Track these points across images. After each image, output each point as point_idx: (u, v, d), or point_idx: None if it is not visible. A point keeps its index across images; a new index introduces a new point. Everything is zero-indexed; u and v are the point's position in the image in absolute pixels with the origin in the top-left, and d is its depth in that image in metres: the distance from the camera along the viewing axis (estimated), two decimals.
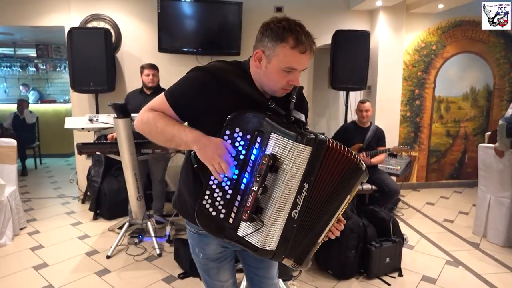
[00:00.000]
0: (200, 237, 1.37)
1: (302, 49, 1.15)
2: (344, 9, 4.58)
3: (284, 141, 1.11)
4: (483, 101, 5.09)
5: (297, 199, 1.12)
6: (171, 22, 4.10)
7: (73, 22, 4.16)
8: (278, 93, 1.24)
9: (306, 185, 1.12)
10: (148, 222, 3.24)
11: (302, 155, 1.10)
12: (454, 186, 5.18)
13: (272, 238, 1.14)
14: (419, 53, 4.80)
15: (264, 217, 1.13)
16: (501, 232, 3.34)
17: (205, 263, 1.41)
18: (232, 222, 1.17)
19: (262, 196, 1.12)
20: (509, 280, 2.77)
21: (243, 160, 1.16)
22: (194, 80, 1.23)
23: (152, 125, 1.22)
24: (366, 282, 2.70)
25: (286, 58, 1.15)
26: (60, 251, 3.13)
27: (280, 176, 1.11)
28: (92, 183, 3.95)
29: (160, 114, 1.22)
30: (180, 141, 1.19)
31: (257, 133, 1.14)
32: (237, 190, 1.17)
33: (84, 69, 3.81)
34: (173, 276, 2.74)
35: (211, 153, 1.13)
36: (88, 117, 2.89)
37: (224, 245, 1.39)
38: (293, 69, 1.17)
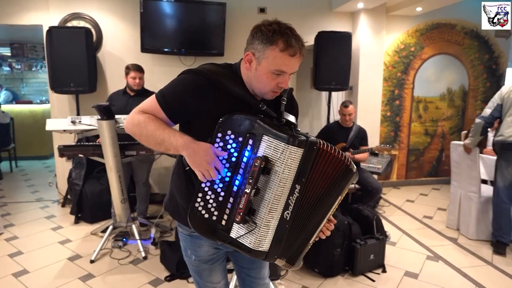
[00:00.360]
0: (193, 239, 1.36)
1: (292, 52, 1.16)
2: (326, 10, 4.65)
3: (276, 143, 1.12)
4: (459, 101, 5.28)
5: (289, 200, 1.14)
6: (154, 22, 4.05)
7: (52, 21, 4.05)
8: (268, 95, 1.25)
9: (298, 186, 1.14)
10: (133, 224, 3.20)
11: (294, 157, 1.12)
12: (432, 184, 5.35)
13: (265, 239, 1.15)
14: (399, 54, 4.93)
15: (257, 219, 1.14)
16: (470, 225, 3.49)
17: (197, 265, 1.41)
18: (225, 224, 1.18)
19: (255, 198, 1.13)
20: (484, 271, 2.89)
21: (235, 162, 1.17)
22: (186, 83, 1.23)
23: (142, 127, 1.21)
24: (352, 279, 2.75)
25: (275, 60, 1.17)
26: (41, 257, 3.05)
27: (272, 177, 1.13)
28: (73, 186, 3.85)
29: (151, 117, 1.22)
30: (170, 145, 1.19)
31: (249, 136, 1.15)
32: (230, 192, 1.18)
33: (64, 70, 3.71)
34: (159, 279, 2.71)
35: (199, 160, 1.14)
36: (70, 119, 2.82)
37: (216, 247, 1.39)
38: (282, 71, 1.19)
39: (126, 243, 3.25)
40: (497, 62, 5.31)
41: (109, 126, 2.78)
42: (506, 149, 3.21)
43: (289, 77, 1.23)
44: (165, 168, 4.40)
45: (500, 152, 3.30)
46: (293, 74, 1.25)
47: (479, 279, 2.77)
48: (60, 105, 4.20)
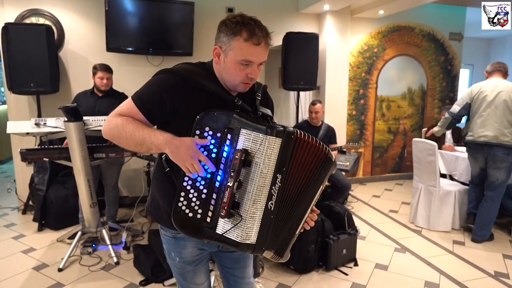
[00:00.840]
0: (177, 241, 1.35)
1: (256, 41, 1.18)
2: (293, 12, 4.73)
3: (254, 135, 1.14)
4: (419, 100, 5.57)
5: (272, 190, 1.15)
6: (119, 21, 3.93)
7: (7, 16, 3.81)
8: (239, 87, 1.26)
9: (279, 176, 1.15)
10: (103, 229, 3.09)
11: (273, 147, 1.13)
12: (395, 179, 5.61)
13: (251, 231, 1.15)
14: (363, 55, 5.12)
15: (242, 211, 1.14)
16: (431, 217, 3.71)
17: (182, 266, 1.39)
18: (210, 221, 1.17)
19: (238, 191, 1.14)
20: (447, 260, 3.09)
21: (215, 158, 1.17)
22: (161, 82, 1.23)
23: (121, 130, 1.19)
24: (326, 274, 2.83)
25: (241, 51, 1.19)
26: (3, 268, 2.86)
27: (253, 169, 1.14)
28: (36, 191, 3.65)
29: (129, 119, 1.21)
30: (151, 144, 1.17)
31: (227, 130, 1.16)
32: (212, 188, 1.17)
33: (23, 69, 3.51)
34: (134, 284, 2.65)
35: (183, 155, 1.14)
36: (34, 121, 2.67)
37: (201, 247, 1.38)
38: (249, 61, 1.20)
39: (96, 249, 3.14)
40: (451, 64, 5.66)
41: (77, 128, 2.67)
42: (472, 148, 3.48)
43: (258, 68, 1.25)
44: (133, 170, 4.29)
45: (468, 150, 3.56)
46: (262, 65, 1.26)
47: (443, 267, 2.95)
48: (19, 106, 3.97)
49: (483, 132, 3.34)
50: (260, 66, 1.26)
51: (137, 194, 4.26)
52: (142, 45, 4.08)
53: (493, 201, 3.40)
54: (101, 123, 2.83)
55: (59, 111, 3.63)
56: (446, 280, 2.77)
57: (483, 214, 3.42)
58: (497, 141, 3.28)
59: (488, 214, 3.41)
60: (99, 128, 2.83)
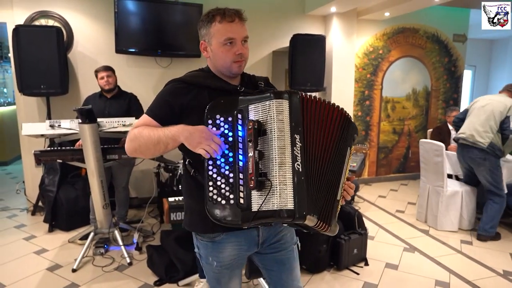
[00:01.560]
0: (215, 245, 1.35)
1: (229, 19, 1.26)
2: (300, 14, 4.76)
3: (262, 105, 1.18)
4: (423, 101, 5.61)
5: (294, 151, 1.15)
6: (129, 23, 3.96)
7: (16, 19, 3.83)
8: (233, 68, 1.31)
9: (297, 136, 1.16)
10: (115, 230, 3.11)
11: (282, 109, 1.16)
12: (400, 179, 5.65)
13: (287, 195, 1.12)
14: (368, 56, 5.16)
15: (271, 178, 1.13)
16: (438, 217, 3.75)
17: (219, 271, 1.38)
18: (243, 202, 1.15)
19: (262, 162, 1.14)
20: (456, 259, 3.12)
21: (232, 141, 1.19)
22: (166, 90, 1.33)
23: (139, 138, 1.25)
24: (337, 273, 2.86)
25: (219, 32, 1.27)
26: (17, 269, 2.88)
27: (269, 136, 1.15)
28: (46, 192, 3.67)
29: (143, 126, 1.27)
30: (167, 139, 1.21)
31: (237, 112, 1.20)
32: (237, 170, 1.18)
33: (33, 71, 3.53)
34: (148, 284, 2.67)
35: (198, 138, 1.16)
36: (48, 123, 2.69)
37: (239, 247, 1.36)
38: (230, 38, 1.27)
39: (108, 250, 3.16)
40: (455, 65, 5.70)
41: (91, 130, 2.70)
42: (458, 148, 3.73)
43: (244, 45, 1.30)
44: (142, 171, 4.31)
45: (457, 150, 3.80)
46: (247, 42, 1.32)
47: (452, 267, 2.98)
48: (28, 108, 3.98)
49: (463, 131, 3.58)
50: (246, 44, 1.31)
51: (145, 195, 4.29)
52: (150, 47, 4.10)
53: (494, 199, 3.49)
54: (114, 124, 2.85)
55: (69, 113, 3.67)
56: (456, 279, 2.81)
57: (487, 210, 3.52)
58: (472, 140, 3.46)
59: (490, 211, 3.49)
60: (112, 129, 2.86)
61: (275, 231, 1.43)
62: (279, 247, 1.44)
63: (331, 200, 1.26)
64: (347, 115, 1.31)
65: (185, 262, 2.68)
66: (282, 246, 1.44)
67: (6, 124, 6.43)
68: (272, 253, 1.44)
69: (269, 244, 1.42)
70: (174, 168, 3.64)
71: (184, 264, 2.68)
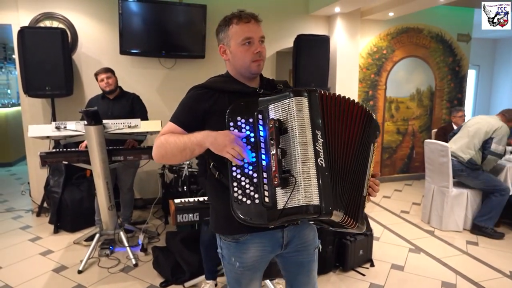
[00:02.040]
0: (238, 245, 1.36)
1: (246, 20, 1.32)
2: (303, 14, 4.76)
3: (282, 104, 1.20)
4: (427, 101, 5.59)
5: (316, 147, 1.17)
6: (133, 24, 3.96)
7: (21, 20, 3.84)
8: (253, 68, 1.34)
9: (318, 132, 1.18)
10: (120, 231, 3.12)
11: (302, 107, 1.19)
12: (404, 180, 5.64)
13: (311, 191, 1.13)
14: (372, 56, 5.14)
15: (294, 175, 1.14)
16: (443, 218, 3.74)
17: (241, 272, 1.39)
18: (268, 201, 1.17)
19: (285, 160, 1.16)
20: (462, 260, 3.11)
21: (254, 142, 1.22)
22: (189, 95, 1.37)
23: (165, 145, 1.28)
24: (343, 274, 2.85)
25: (237, 33, 1.32)
26: (23, 270, 2.89)
27: (290, 133, 1.17)
28: (51, 194, 3.68)
29: (169, 134, 1.30)
30: (192, 145, 1.24)
31: (257, 113, 1.23)
32: (261, 169, 1.19)
33: (38, 72, 3.54)
34: (154, 286, 2.67)
35: (222, 142, 1.18)
36: (54, 125, 2.70)
37: (263, 248, 1.37)
38: (248, 38, 1.31)
39: (113, 251, 3.17)
40: (459, 65, 5.68)
41: (97, 132, 2.70)
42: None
43: (260, 44, 1.34)
44: (146, 173, 4.31)
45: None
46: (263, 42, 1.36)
47: (459, 268, 2.97)
48: (33, 109, 3.99)
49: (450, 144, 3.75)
50: (263, 44, 1.35)
51: (150, 196, 4.30)
52: (154, 48, 4.10)
53: (495, 194, 3.57)
54: (120, 126, 2.86)
55: (73, 114, 3.68)
56: (462, 280, 2.79)
57: (486, 202, 3.65)
58: (453, 152, 3.65)
59: (490, 203, 3.59)
60: (118, 131, 2.86)
61: (299, 233, 1.43)
62: (301, 249, 1.45)
63: (357, 196, 1.25)
64: (368, 111, 1.32)
65: (191, 264, 2.68)
66: (305, 248, 1.45)
67: (11, 125, 6.45)
68: (293, 255, 1.45)
69: (292, 245, 1.43)
70: (179, 169, 3.64)
71: (190, 266, 2.68)
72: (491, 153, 3.55)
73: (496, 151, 3.53)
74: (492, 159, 3.58)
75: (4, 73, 7.77)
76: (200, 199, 2.50)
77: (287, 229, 1.38)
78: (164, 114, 4.34)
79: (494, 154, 3.54)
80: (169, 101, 4.40)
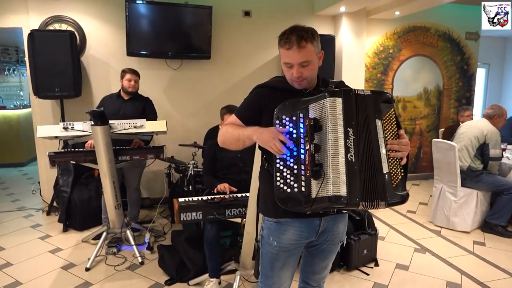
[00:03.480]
0: (278, 225, 1.49)
1: (287, 46, 1.39)
2: (309, 14, 4.76)
3: (319, 104, 1.33)
4: (435, 100, 5.54)
5: (346, 143, 1.27)
6: (139, 26, 4.02)
7: (32, 23, 3.93)
8: (295, 85, 1.46)
9: (350, 130, 1.28)
10: (127, 230, 3.17)
11: (335, 106, 1.30)
12: (412, 179, 5.59)
13: (339, 183, 1.26)
14: (378, 56, 5.12)
15: (325, 168, 1.28)
16: (451, 217, 3.72)
17: (277, 252, 1.51)
18: (305, 190, 1.30)
19: (319, 155, 1.29)
20: (468, 260, 3.08)
21: (296, 137, 1.35)
22: (252, 94, 1.56)
23: (226, 133, 1.53)
24: (347, 274, 2.86)
25: (281, 55, 1.44)
26: (32, 267, 2.96)
27: (324, 130, 1.30)
28: (60, 193, 3.76)
29: (230, 125, 1.54)
30: (244, 137, 1.45)
31: (299, 112, 1.35)
32: (300, 162, 1.33)
33: (48, 74, 3.62)
34: (159, 283, 2.71)
35: (266, 137, 1.35)
36: (62, 125, 2.77)
37: (300, 232, 1.48)
38: (288, 63, 1.41)
39: (120, 249, 3.22)
40: (468, 63, 5.62)
41: (103, 132, 2.75)
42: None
43: (305, 67, 1.40)
44: (153, 172, 4.37)
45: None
46: (309, 65, 1.40)
47: (464, 268, 2.95)
48: (43, 110, 4.08)
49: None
50: (308, 66, 1.41)
51: (157, 195, 4.35)
52: (161, 49, 4.16)
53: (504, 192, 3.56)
54: (126, 126, 2.91)
55: (82, 115, 3.74)
56: (468, 280, 2.77)
57: (496, 201, 3.65)
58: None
59: (501, 201, 3.59)
60: (124, 131, 2.92)
61: (334, 225, 1.54)
62: (330, 239, 1.56)
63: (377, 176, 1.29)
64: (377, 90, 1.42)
65: (196, 262, 2.72)
66: (333, 239, 1.56)
67: (23, 126, 6.59)
68: (321, 243, 1.57)
69: (325, 235, 1.54)
70: (185, 169, 3.68)
71: (195, 264, 2.71)
72: (491, 159, 3.59)
73: (495, 155, 3.57)
74: (494, 163, 3.64)
75: (16, 75, 7.94)
76: (204, 198, 2.54)
77: (324, 218, 1.49)
78: (171, 114, 4.40)
79: (494, 159, 3.60)
80: (176, 101, 4.46)
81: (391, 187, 1.30)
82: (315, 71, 1.44)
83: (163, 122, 3.07)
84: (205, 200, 2.50)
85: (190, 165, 3.56)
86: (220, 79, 4.51)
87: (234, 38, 4.47)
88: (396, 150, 1.33)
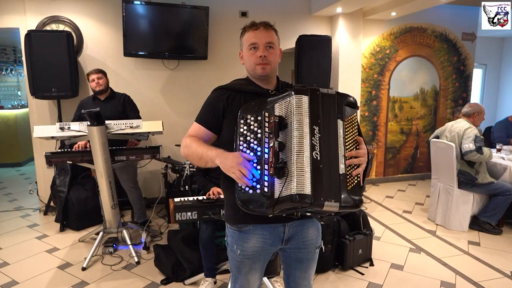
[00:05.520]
0: (241, 234, 1.46)
1: (254, 27, 1.44)
2: (305, 14, 4.78)
3: (284, 102, 1.30)
4: (431, 100, 5.57)
5: (312, 141, 1.23)
6: (136, 26, 4.03)
7: (29, 24, 3.94)
8: (258, 70, 1.44)
9: (316, 128, 1.25)
10: (124, 230, 3.18)
11: (301, 104, 1.26)
12: (408, 180, 5.61)
13: (304, 181, 1.19)
14: (375, 56, 5.14)
15: (290, 166, 1.22)
16: (448, 216, 3.75)
17: (241, 260, 1.48)
18: (267, 191, 1.25)
19: (283, 152, 1.24)
20: (463, 260, 3.10)
21: (260, 137, 1.32)
22: (210, 96, 1.52)
23: (189, 148, 1.43)
24: (342, 273, 2.87)
25: (246, 40, 1.46)
26: (29, 266, 2.98)
27: (289, 128, 1.26)
28: (57, 193, 3.77)
29: (194, 138, 1.45)
30: (207, 158, 1.37)
31: (265, 111, 1.33)
32: (263, 162, 1.28)
33: (45, 74, 3.63)
34: (155, 283, 2.73)
35: (230, 163, 1.27)
36: (58, 126, 2.78)
37: (264, 240, 1.44)
38: (253, 43, 1.43)
39: (116, 249, 3.23)
40: (464, 64, 5.64)
41: (100, 132, 2.76)
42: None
43: (268, 50, 1.43)
44: (150, 172, 4.38)
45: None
46: (272, 48, 1.44)
47: (459, 268, 2.97)
48: (40, 111, 4.09)
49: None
50: (271, 49, 1.44)
51: (154, 195, 4.36)
52: (158, 50, 4.17)
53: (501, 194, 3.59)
54: (122, 126, 2.92)
55: None
56: (462, 280, 2.79)
57: (491, 201, 3.67)
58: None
59: (495, 201, 3.61)
60: (120, 131, 2.93)
61: (301, 231, 1.49)
62: (301, 246, 1.51)
63: (334, 176, 1.26)
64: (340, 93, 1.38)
65: (191, 262, 2.73)
66: (305, 246, 1.51)
67: (20, 126, 6.59)
68: (294, 251, 1.52)
69: (293, 242, 1.49)
70: (181, 169, 3.69)
71: (190, 263, 2.73)
72: (466, 153, 3.53)
73: (468, 149, 3.50)
74: (474, 158, 3.50)
75: (14, 75, 7.94)
76: (199, 198, 2.55)
77: (288, 224, 1.44)
78: (168, 115, 4.42)
79: (469, 152, 3.49)
80: (173, 101, 4.47)
81: (346, 189, 1.25)
82: (277, 60, 1.47)
83: (159, 122, 3.08)
84: (200, 200, 2.52)
85: (187, 165, 3.57)
86: (217, 79, 4.52)
87: (231, 38, 4.48)
88: (354, 156, 1.30)
